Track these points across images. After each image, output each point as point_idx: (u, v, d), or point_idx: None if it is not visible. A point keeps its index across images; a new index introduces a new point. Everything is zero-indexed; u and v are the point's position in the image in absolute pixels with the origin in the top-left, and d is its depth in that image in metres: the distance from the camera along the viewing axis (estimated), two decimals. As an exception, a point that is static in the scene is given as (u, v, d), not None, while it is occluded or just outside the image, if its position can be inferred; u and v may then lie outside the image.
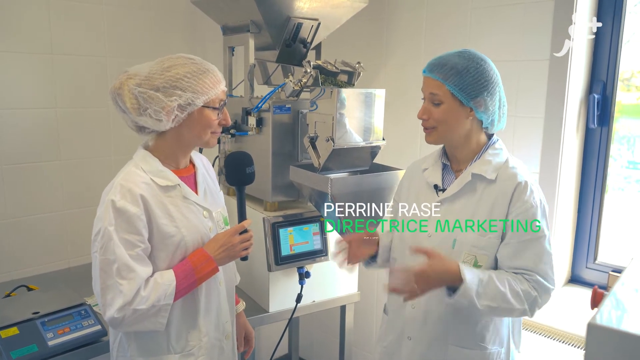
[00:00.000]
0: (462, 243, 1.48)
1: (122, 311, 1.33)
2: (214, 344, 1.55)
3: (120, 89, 1.39)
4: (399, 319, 1.62)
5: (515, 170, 1.49)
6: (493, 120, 1.50)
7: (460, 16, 2.32)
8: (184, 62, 1.41)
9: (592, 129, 2.19)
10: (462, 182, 1.51)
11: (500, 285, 1.41)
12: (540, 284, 1.44)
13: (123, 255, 1.34)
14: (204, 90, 1.40)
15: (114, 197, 1.36)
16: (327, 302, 2.21)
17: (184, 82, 1.38)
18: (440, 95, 1.47)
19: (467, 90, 1.44)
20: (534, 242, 1.44)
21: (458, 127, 1.49)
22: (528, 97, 2.16)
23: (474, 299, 1.39)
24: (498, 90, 1.49)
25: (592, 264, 2.28)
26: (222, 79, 1.47)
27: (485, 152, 1.53)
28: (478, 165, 1.50)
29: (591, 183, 2.24)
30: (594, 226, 2.26)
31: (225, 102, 1.49)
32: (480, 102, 1.46)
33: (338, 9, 2.14)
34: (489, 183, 1.48)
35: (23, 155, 2.20)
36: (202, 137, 1.47)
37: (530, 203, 1.44)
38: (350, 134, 1.87)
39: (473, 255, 1.46)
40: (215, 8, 2.22)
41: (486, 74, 1.46)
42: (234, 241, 1.50)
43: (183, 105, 1.39)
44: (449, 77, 1.45)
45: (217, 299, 1.56)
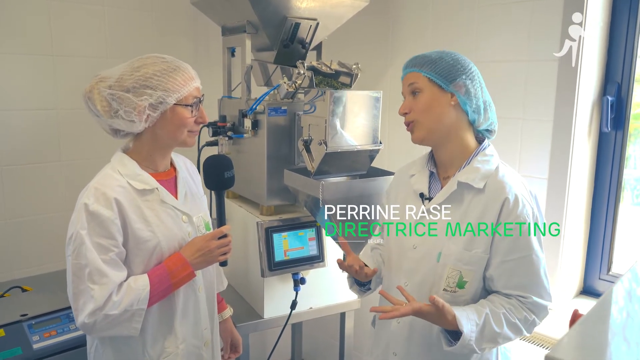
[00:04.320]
0: (447, 256, 1.40)
1: (93, 316, 1.31)
2: (192, 351, 1.52)
3: (90, 93, 1.39)
4: (384, 334, 1.56)
5: (505, 180, 1.39)
6: (478, 108, 1.41)
7: (467, 14, 2.24)
8: (154, 61, 1.39)
9: (605, 132, 2.08)
10: (448, 191, 1.42)
11: (497, 326, 1.34)
12: (536, 305, 1.36)
13: (95, 260, 1.31)
14: (175, 88, 1.38)
15: (87, 201, 1.34)
16: (326, 308, 2.15)
17: (153, 81, 1.36)
18: (419, 83, 1.41)
19: (444, 73, 1.38)
20: (525, 260, 1.36)
21: (441, 116, 1.41)
22: (536, 99, 2.06)
23: (474, 346, 1.32)
24: (479, 80, 1.42)
25: (606, 275, 2.16)
26: (194, 77, 1.44)
27: (474, 158, 1.44)
28: (465, 173, 1.42)
29: (605, 189, 2.13)
30: (608, 235, 2.14)
31: (201, 99, 1.46)
32: (460, 85, 1.39)
33: (337, 8, 2.08)
34: (477, 192, 1.40)
35: (24, 156, 2.21)
36: (177, 137, 1.44)
37: (522, 219, 1.35)
38: (345, 137, 1.81)
39: (458, 270, 1.39)
40: (213, 9, 2.19)
41: (462, 61, 1.41)
42: (211, 246, 1.46)
43: (154, 105, 1.37)
44: (423, 65, 1.41)
45: (195, 304, 1.53)
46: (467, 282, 1.39)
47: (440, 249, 1.41)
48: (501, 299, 1.38)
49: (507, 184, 1.38)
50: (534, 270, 1.37)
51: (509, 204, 1.35)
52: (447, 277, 1.39)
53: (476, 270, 1.38)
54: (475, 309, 1.36)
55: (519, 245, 1.35)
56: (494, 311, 1.36)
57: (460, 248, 1.38)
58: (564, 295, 2.11)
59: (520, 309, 1.36)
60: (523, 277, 1.36)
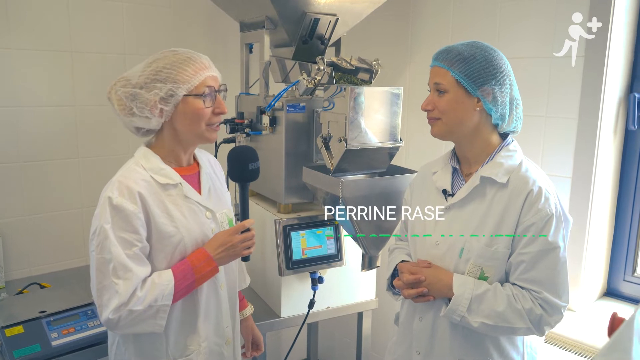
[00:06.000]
0: (469, 252, 1.37)
1: (117, 312, 1.29)
2: (214, 349, 1.50)
3: (109, 94, 1.39)
4: (408, 332, 1.54)
5: (529, 174, 1.36)
6: (503, 114, 1.37)
7: (489, 10, 2.19)
8: (165, 55, 1.38)
9: (632, 130, 2.02)
10: (471, 187, 1.40)
11: (497, 302, 1.31)
12: (548, 301, 1.31)
13: (119, 255, 1.30)
14: (185, 79, 1.35)
15: (111, 194, 1.32)
16: (343, 308, 2.13)
17: (163, 74, 1.34)
18: (445, 83, 1.36)
19: (473, 77, 1.33)
20: (546, 255, 1.32)
21: (464, 119, 1.38)
22: (560, 96, 2.02)
23: (466, 315, 1.30)
24: (509, 82, 1.37)
25: (631, 277, 2.11)
26: (208, 66, 1.40)
27: (497, 153, 1.41)
28: (489, 168, 1.39)
29: (630, 189, 2.08)
30: (633, 235, 2.09)
31: (218, 89, 1.42)
32: (487, 92, 1.34)
33: (357, 3, 2.05)
34: (500, 187, 1.36)
35: (42, 153, 2.21)
36: (195, 130, 1.41)
37: (544, 212, 1.31)
38: (365, 135, 1.78)
39: (479, 266, 1.36)
40: (231, 4, 2.17)
41: (495, 62, 1.35)
42: (234, 240, 1.44)
43: (165, 98, 1.35)
44: (454, 63, 1.35)
45: (217, 302, 1.51)
46: (489, 277, 1.36)
47: (463, 244, 1.38)
48: (513, 287, 1.35)
49: (531, 177, 1.35)
50: (552, 266, 1.32)
51: (532, 195, 1.32)
52: (469, 273, 1.37)
53: (497, 265, 1.36)
54: (479, 282, 1.34)
55: (540, 238, 1.31)
56: (498, 290, 1.33)
57: (483, 244, 1.36)
58: (587, 297, 2.06)
59: (529, 300, 1.32)
60: (540, 272, 1.32)
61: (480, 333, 1.37)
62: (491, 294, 1.33)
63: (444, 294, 1.38)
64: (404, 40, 2.54)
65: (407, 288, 1.44)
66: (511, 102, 1.39)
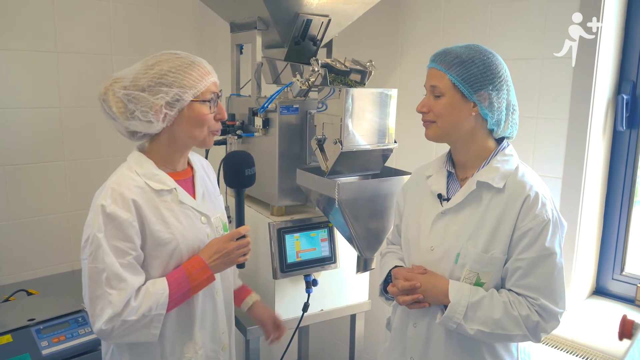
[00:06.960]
0: (465, 257, 1.36)
1: (110, 322, 1.26)
2: (210, 356, 1.48)
3: (105, 95, 1.33)
4: (401, 338, 1.53)
5: (526, 179, 1.35)
6: (499, 120, 1.37)
7: (480, 11, 2.20)
8: (168, 58, 1.34)
9: (620, 131, 2.05)
10: (467, 191, 1.39)
11: (493, 310, 1.31)
12: (545, 308, 1.31)
13: (113, 264, 1.27)
14: (191, 84, 1.33)
15: (104, 202, 1.29)
16: (337, 310, 2.11)
17: (169, 78, 1.31)
18: (441, 87, 1.35)
19: (470, 81, 1.32)
20: (543, 261, 1.31)
21: (460, 123, 1.36)
22: (551, 97, 2.04)
23: (462, 322, 1.29)
24: (506, 88, 1.36)
25: (619, 275, 2.14)
26: (210, 71, 1.39)
27: (493, 158, 1.40)
28: (485, 173, 1.38)
29: (619, 189, 2.11)
30: (621, 235, 2.13)
31: (219, 95, 1.41)
32: (484, 97, 1.33)
33: (349, 4, 2.04)
34: (497, 192, 1.36)
35: (27, 155, 2.16)
36: (197, 136, 1.39)
37: (541, 217, 1.31)
38: (360, 136, 1.78)
39: (475, 272, 1.35)
40: (222, 5, 2.14)
41: (493, 67, 1.34)
42: (229, 247, 1.42)
43: (171, 102, 1.32)
44: (451, 66, 1.34)
45: (213, 309, 1.49)
46: (485, 283, 1.36)
47: (459, 250, 1.37)
48: (509, 293, 1.35)
49: (528, 182, 1.35)
50: (548, 273, 1.32)
51: (529, 201, 1.32)
52: (464, 279, 1.36)
53: (493, 271, 1.35)
54: (475, 288, 1.34)
55: (536, 244, 1.31)
56: (494, 296, 1.33)
57: (479, 250, 1.35)
58: (577, 296, 2.09)
59: (526, 307, 1.32)
60: (536, 279, 1.32)
61: (476, 340, 1.37)
62: (487, 301, 1.32)
63: (440, 301, 1.37)
64: (395, 41, 2.54)
65: (402, 295, 1.42)
66: (507, 107, 1.38)
